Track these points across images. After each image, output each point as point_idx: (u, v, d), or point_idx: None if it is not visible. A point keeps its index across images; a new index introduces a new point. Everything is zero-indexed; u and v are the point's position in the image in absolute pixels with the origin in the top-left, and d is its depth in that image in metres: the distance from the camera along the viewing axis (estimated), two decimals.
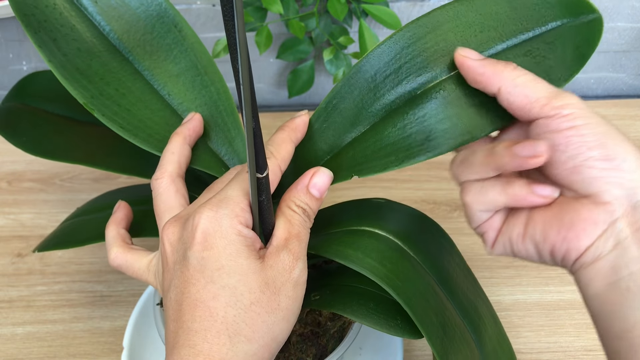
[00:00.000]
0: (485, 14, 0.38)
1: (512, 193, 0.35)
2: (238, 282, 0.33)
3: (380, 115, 0.39)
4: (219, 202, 0.34)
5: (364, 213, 0.42)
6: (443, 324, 0.37)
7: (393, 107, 0.39)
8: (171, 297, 0.34)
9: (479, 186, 0.36)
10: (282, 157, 0.38)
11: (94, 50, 0.40)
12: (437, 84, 0.38)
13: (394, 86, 0.39)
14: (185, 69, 0.43)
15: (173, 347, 0.33)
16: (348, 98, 0.40)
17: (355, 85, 0.39)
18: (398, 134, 0.38)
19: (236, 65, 0.26)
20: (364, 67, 0.39)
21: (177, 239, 0.35)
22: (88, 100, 0.38)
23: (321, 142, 0.40)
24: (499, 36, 0.38)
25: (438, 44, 0.38)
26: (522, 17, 0.38)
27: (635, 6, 0.82)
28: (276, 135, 0.39)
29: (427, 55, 0.38)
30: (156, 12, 0.43)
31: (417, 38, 0.38)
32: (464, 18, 0.38)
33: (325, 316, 0.49)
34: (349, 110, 0.40)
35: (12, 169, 0.78)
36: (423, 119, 0.37)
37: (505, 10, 0.38)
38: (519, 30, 0.38)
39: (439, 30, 0.38)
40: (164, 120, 0.41)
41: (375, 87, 0.39)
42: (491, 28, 0.38)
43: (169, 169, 0.39)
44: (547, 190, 0.34)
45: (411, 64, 0.38)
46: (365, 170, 0.38)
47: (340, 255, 0.37)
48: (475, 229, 0.38)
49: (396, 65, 0.38)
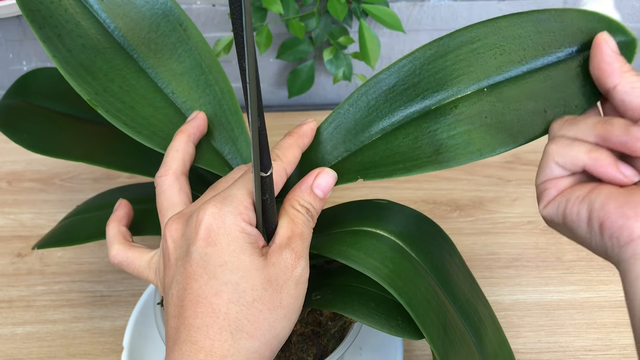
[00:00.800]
0: (508, 37, 0.39)
1: (596, 157, 0.34)
2: (241, 279, 0.33)
3: (393, 126, 0.40)
4: (223, 200, 0.34)
5: (365, 214, 0.42)
6: (444, 325, 0.37)
7: (407, 119, 0.39)
8: (173, 293, 0.34)
9: (569, 141, 0.35)
10: (288, 161, 0.38)
11: (98, 47, 0.41)
12: (453, 101, 0.38)
13: (410, 99, 0.39)
14: (189, 68, 0.43)
15: (174, 343, 0.33)
16: (363, 107, 0.40)
17: (372, 95, 0.40)
18: (409, 144, 0.38)
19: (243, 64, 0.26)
20: (383, 78, 0.40)
21: (180, 235, 0.35)
22: (92, 97, 0.39)
23: (330, 146, 0.41)
24: (519, 60, 0.38)
25: (457, 64, 0.39)
26: (546, 42, 0.39)
27: (635, 6, 0.82)
28: (283, 140, 0.39)
29: (446, 73, 0.39)
30: (161, 10, 0.43)
31: (438, 56, 0.39)
32: (485, 40, 0.39)
33: (326, 316, 0.49)
34: (362, 118, 0.40)
35: (12, 169, 0.78)
36: (435, 133, 0.38)
37: (530, 34, 0.39)
38: (540, 54, 0.38)
39: (460, 51, 0.39)
40: (167, 118, 0.42)
41: (393, 98, 0.40)
42: (512, 51, 0.38)
43: (173, 166, 0.39)
44: (630, 171, 0.33)
45: (430, 80, 0.39)
46: (372, 174, 0.39)
47: (342, 255, 0.37)
48: (539, 185, 0.37)
49: (415, 80, 0.39)
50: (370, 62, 0.74)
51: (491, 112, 0.37)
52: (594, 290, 0.63)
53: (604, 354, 0.58)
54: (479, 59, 0.39)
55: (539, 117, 0.37)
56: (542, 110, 0.38)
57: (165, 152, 0.40)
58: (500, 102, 0.38)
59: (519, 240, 0.68)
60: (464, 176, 0.75)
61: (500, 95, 0.38)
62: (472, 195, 0.73)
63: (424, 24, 0.83)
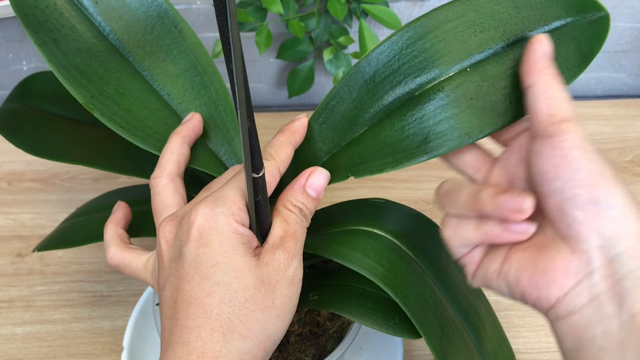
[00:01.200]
0: (486, 13, 0.37)
1: (486, 230, 0.33)
2: (233, 279, 0.33)
3: (378, 116, 0.38)
4: (215, 200, 0.34)
5: (362, 213, 0.42)
6: (442, 325, 0.37)
7: (392, 108, 0.38)
8: (166, 295, 0.34)
9: (456, 222, 0.35)
10: (281, 160, 0.38)
11: (94, 50, 0.41)
12: (436, 84, 0.37)
13: (392, 87, 0.38)
14: (184, 70, 0.43)
15: (168, 345, 0.33)
16: (347, 99, 0.39)
17: (354, 87, 0.39)
18: (396, 136, 0.37)
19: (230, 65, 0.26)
20: (363, 67, 0.39)
21: (173, 236, 0.35)
22: (88, 100, 0.39)
23: (320, 143, 0.40)
24: (499, 36, 0.37)
25: (437, 44, 0.37)
26: (525, 17, 0.37)
27: (635, 6, 0.82)
28: (275, 139, 0.39)
29: (426, 55, 0.37)
30: (156, 12, 0.43)
31: (416, 38, 0.38)
32: (464, 18, 0.37)
33: (324, 316, 0.49)
34: (348, 111, 0.39)
35: (12, 169, 0.78)
36: (421, 121, 0.37)
37: (507, 10, 0.37)
38: (520, 29, 0.37)
39: (439, 31, 0.37)
40: (163, 120, 0.42)
41: (374, 88, 0.39)
42: (492, 28, 0.37)
43: (168, 168, 0.39)
44: (523, 226, 0.31)
45: (410, 64, 0.38)
46: (362, 170, 0.38)
47: (339, 255, 0.37)
48: (457, 261, 0.36)
49: (395, 65, 0.38)
50: None
51: (477, 93, 0.36)
52: None
53: None
54: (459, 37, 0.37)
55: None
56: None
57: (161, 153, 0.40)
58: (485, 82, 0.36)
59: None
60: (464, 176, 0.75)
61: (485, 74, 0.36)
62: None
63: None
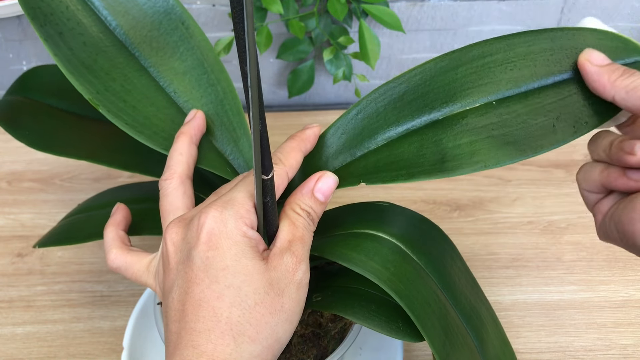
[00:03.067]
0: (520, 53, 0.39)
1: (607, 173, 0.36)
2: (243, 283, 0.33)
3: (399, 134, 0.40)
4: (224, 204, 0.34)
5: (367, 216, 0.42)
6: (445, 329, 0.37)
7: (414, 128, 0.39)
8: (174, 297, 0.34)
9: (589, 165, 0.38)
10: (290, 165, 0.38)
11: (100, 45, 0.40)
12: (460, 112, 0.38)
13: (418, 109, 0.39)
14: (191, 67, 0.43)
15: (175, 348, 0.33)
16: (372, 114, 0.40)
17: (381, 103, 0.40)
18: (413, 152, 0.38)
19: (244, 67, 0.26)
20: (393, 87, 0.40)
21: (181, 239, 0.35)
22: (93, 96, 0.38)
23: (335, 151, 0.41)
24: (530, 75, 0.38)
25: (468, 77, 0.39)
26: (558, 60, 0.38)
27: (635, 6, 0.82)
28: (286, 144, 0.39)
29: (455, 85, 0.39)
30: (163, 8, 0.42)
31: (449, 68, 0.39)
32: (497, 55, 0.39)
33: (327, 317, 0.49)
34: (370, 125, 0.40)
35: (12, 169, 0.78)
36: (440, 142, 0.38)
37: (542, 52, 0.39)
38: (552, 71, 0.38)
39: (471, 64, 0.39)
40: (169, 118, 0.41)
41: (401, 107, 0.40)
42: (524, 67, 0.38)
43: (178, 170, 0.39)
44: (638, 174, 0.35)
45: (439, 91, 0.39)
46: (374, 179, 0.38)
47: (343, 258, 0.37)
48: (591, 212, 0.39)
49: (425, 90, 0.39)
50: (370, 62, 0.73)
51: (498, 125, 0.37)
52: (594, 290, 0.63)
53: (603, 354, 0.58)
54: (490, 73, 0.39)
55: (548, 132, 0.37)
56: (551, 125, 0.37)
57: (169, 155, 0.40)
58: (508, 115, 0.37)
59: (519, 240, 0.68)
60: (464, 176, 0.75)
61: (509, 109, 0.38)
62: (472, 195, 0.73)
63: (423, 24, 0.83)
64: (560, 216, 0.70)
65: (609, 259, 0.65)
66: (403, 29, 0.72)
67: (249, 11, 0.23)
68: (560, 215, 0.70)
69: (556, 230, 0.69)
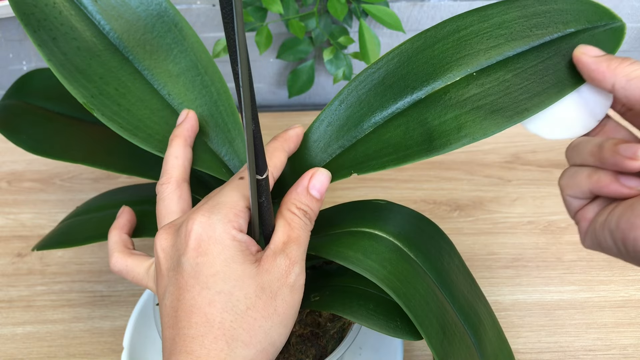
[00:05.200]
0: (495, 23, 0.39)
1: (596, 179, 0.34)
2: (233, 288, 0.33)
3: (385, 118, 0.39)
4: (211, 208, 0.34)
5: (364, 214, 0.42)
6: (443, 327, 0.37)
7: (398, 111, 0.39)
8: (166, 304, 0.34)
9: (573, 170, 0.36)
10: (274, 164, 0.38)
11: (93, 49, 0.40)
12: (442, 88, 0.38)
13: (400, 91, 0.39)
14: (185, 69, 0.43)
15: (171, 354, 0.33)
16: (354, 103, 0.40)
17: (362, 90, 0.40)
18: (400, 135, 0.38)
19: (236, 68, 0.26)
20: (372, 72, 0.40)
21: (170, 245, 0.35)
22: (88, 100, 0.38)
23: (324, 145, 0.41)
24: (507, 42, 0.38)
25: (446, 52, 0.39)
26: (534, 25, 0.38)
27: (635, 6, 0.82)
28: (269, 145, 0.39)
29: (434, 62, 0.39)
30: (156, 11, 0.42)
31: (426, 46, 0.39)
32: (472, 27, 0.39)
33: (325, 317, 0.49)
34: (354, 114, 0.40)
35: (12, 169, 0.78)
36: (425, 121, 0.37)
37: (516, 19, 0.38)
38: (529, 37, 0.38)
39: (447, 40, 0.39)
40: (164, 120, 0.41)
41: (383, 92, 0.40)
42: (500, 36, 0.38)
43: (175, 174, 0.39)
44: (633, 181, 0.33)
45: (418, 70, 0.39)
46: (365, 168, 0.38)
47: (340, 257, 0.37)
48: (573, 219, 0.38)
49: (404, 71, 0.39)
50: (370, 62, 0.73)
51: (482, 95, 0.37)
52: (594, 290, 0.63)
53: (604, 354, 0.58)
54: (467, 46, 0.38)
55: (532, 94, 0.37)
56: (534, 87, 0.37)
57: (164, 159, 0.39)
58: (490, 84, 0.37)
59: (519, 240, 0.68)
60: (464, 176, 0.75)
61: (490, 77, 0.37)
62: (472, 195, 0.73)
63: (424, 24, 0.83)
64: (560, 216, 0.70)
65: (609, 259, 0.65)
66: (403, 29, 0.72)
67: (238, 11, 0.23)
68: (560, 215, 0.70)
69: (556, 230, 0.69)
